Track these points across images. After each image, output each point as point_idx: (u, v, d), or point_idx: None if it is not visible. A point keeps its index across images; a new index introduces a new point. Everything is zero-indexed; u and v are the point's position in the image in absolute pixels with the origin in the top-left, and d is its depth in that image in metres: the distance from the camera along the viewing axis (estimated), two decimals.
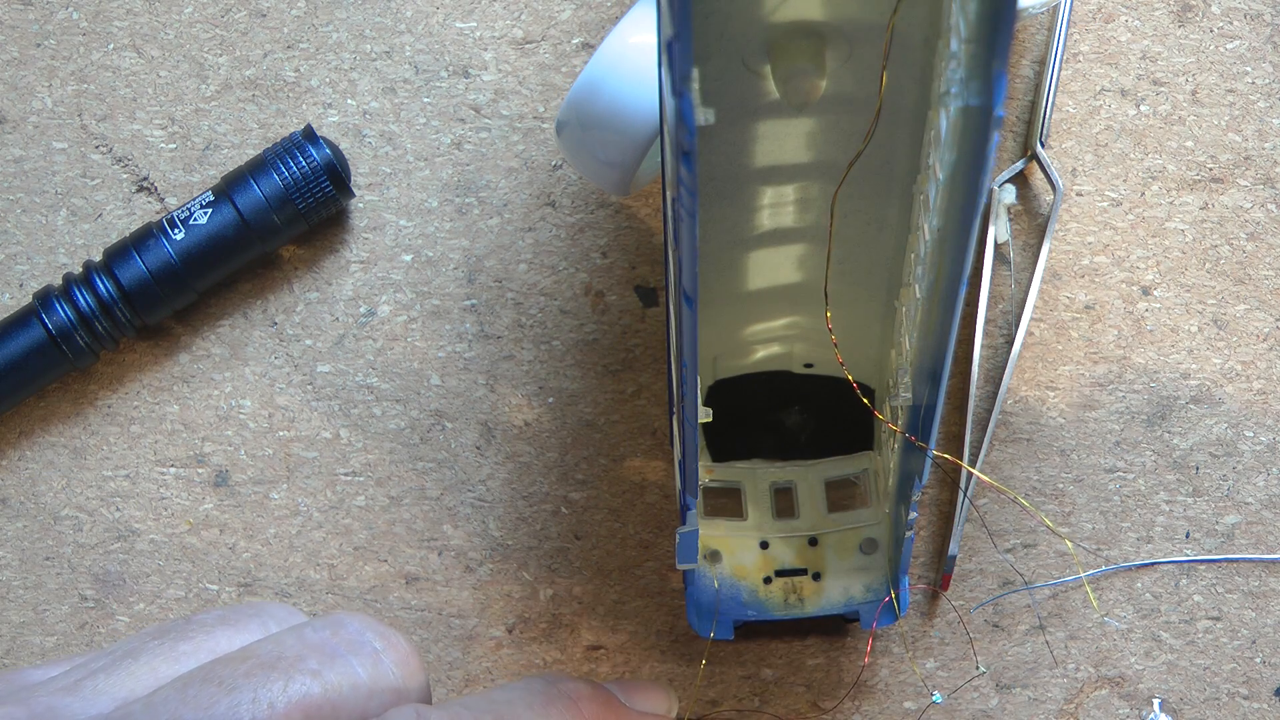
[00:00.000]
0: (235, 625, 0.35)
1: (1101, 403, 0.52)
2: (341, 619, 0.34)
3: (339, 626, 0.34)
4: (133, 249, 0.51)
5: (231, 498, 0.53)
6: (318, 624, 0.34)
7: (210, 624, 0.35)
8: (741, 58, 0.40)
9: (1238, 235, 0.53)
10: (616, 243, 0.53)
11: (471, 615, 0.52)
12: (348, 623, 0.34)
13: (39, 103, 0.54)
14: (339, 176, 0.51)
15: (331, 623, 0.34)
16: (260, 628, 0.35)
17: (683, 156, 0.32)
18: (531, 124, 0.53)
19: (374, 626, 0.34)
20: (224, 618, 0.35)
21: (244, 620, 0.35)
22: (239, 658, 0.32)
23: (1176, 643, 0.52)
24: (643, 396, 0.53)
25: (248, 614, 0.36)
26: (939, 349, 0.39)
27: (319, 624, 0.34)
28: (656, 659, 0.52)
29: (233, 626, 0.35)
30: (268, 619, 0.36)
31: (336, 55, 0.54)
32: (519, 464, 0.53)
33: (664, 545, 0.53)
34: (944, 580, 0.51)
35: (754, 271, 0.47)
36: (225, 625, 0.35)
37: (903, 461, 0.45)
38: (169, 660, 0.34)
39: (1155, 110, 0.53)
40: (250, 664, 0.32)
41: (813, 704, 0.52)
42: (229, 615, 0.35)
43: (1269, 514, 0.52)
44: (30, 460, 0.53)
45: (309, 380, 0.53)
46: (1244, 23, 0.53)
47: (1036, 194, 0.53)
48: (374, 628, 0.34)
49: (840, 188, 0.42)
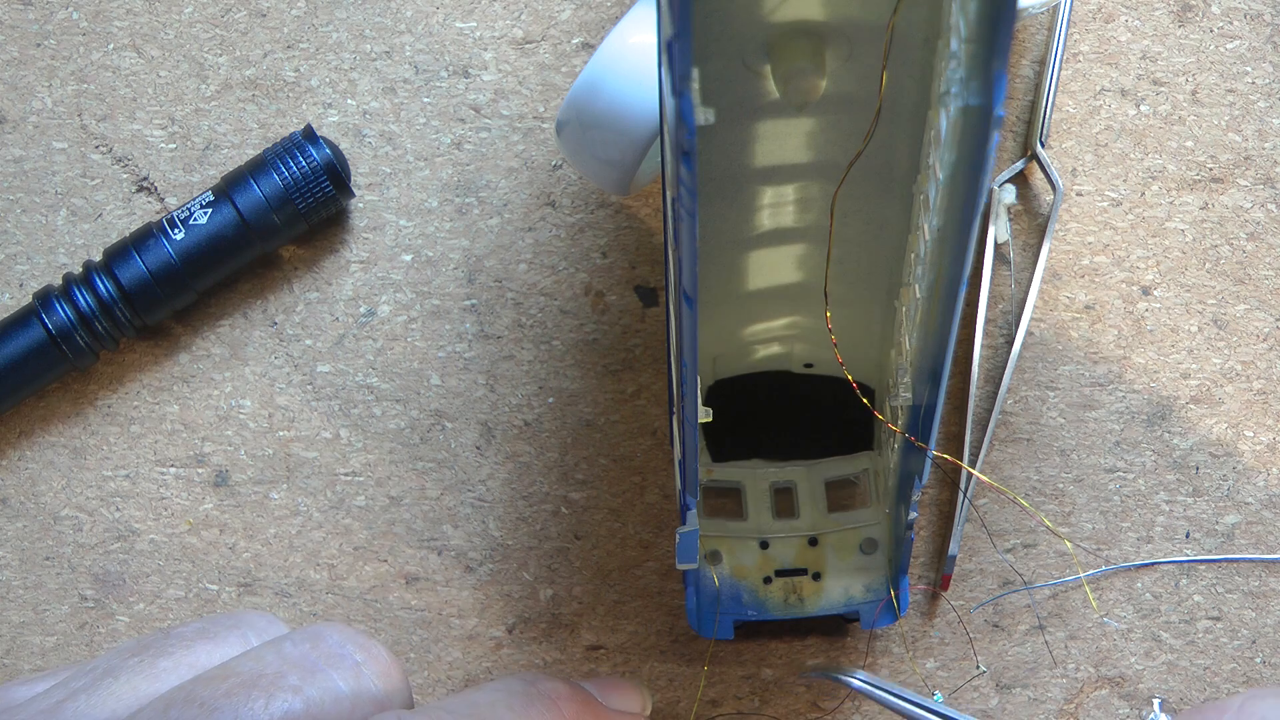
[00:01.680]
0: (214, 638, 0.35)
1: (1101, 403, 0.52)
2: (321, 631, 0.34)
3: (318, 639, 0.34)
4: (133, 249, 0.51)
5: (231, 498, 0.53)
6: (297, 637, 0.34)
7: (189, 637, 0.35)
8: (741, 58, 0.40)
9: (1238, 235, 0.53)
10: (616, 243, 0.53)
11: (471, 615, 0.52)
12: (327, 635, 0.34)
13: (39, 103, 0.54)
14: (339, 176, 0.51)
15: (311, 635, 0.34)
16: (240, 640, 0.35)
17: (683, 156, 0.32)
18: (531, 124, 0.53)
19: (354, 638, 0.34)
20: (203, 630, 0.35)
21: (223, 633, 0.35)
22: (219, 676, 0.32)
23: (1176, 643, 0.52)
24: (643, 396, 0.53)
25: (227, 625, 0.35)
26: (939, 349, 0.39)
27: (298, 637, 0.34)
28: (656, 659, 0.52)
29: (212, 640, 0.35)
30: (247, 630, 0.35)
31: (336, 55, 0.54)
32: (519, 464, 0.53)
33: (664, 545, 0.53)
34: (944, 580, 0.51)
35: (754, 271, 0.47)
36: (204, 639, 0.35)
37: (903, 461, 0.45)
38: (149, 678, 0.33)
39: (1155, 110, 0.53)
40: (231, 683, 0.32)
41: (813, 704, 0.52)
42: (208, 628, 0.35)
43: (1269, 514, 0.52)
44: (30, 460, 0.53)
45: (309, 380, 0.53)
46: (1244, 23, 0.53)
47: (1036, 194, 0.53)
48: (354, 639, 0.34)
49: (840, 188, 0.42)
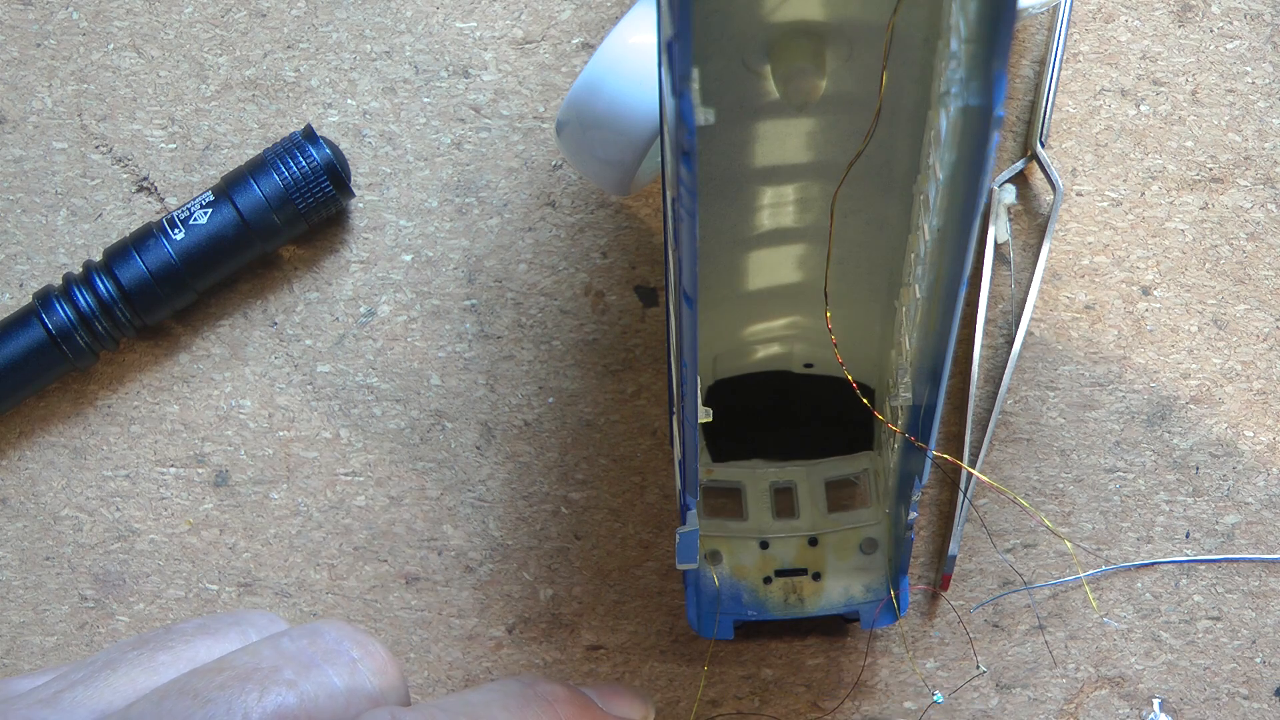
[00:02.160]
0: (215, 634, 0.35)
1: (1101, 403, 0.52)
2: (319, 628, 0.34)
3: (316, 636, 0.34)
4: (133, 249, 0.51)
5: (231, 498, 0.53)
6: (295, 633, 0.34)
7: (190, 633, 0.35)
8: (741, 58, 0.40)
9: (1238, 235, 0.53)
10: (616, 243, 0.53)
11: (471, 615, 0.52)
12: (325, 632, 0.34)
13: (39, 103, 0.54)
14: (339, 176, 0.51)
15: (309, 632, 0.34)
16: (240, 636, 0.35)
17: (683, 156, 0.32)
18: (531, 124, 0.53)
19: (352, 635, 0.34)
20: (203, 627, 0.35)
21: (224, 629, 0.35)
22: (215, 669, 0.32)
23: (1176, 643, 0.52)
24: (643, 396, 0.53)
25: (227, 623, 0.35)
26: (939, 349, 0.39)
27: (296, 633, 0.34)
28: (656, 659, 0.52)
29: (212, 636, 0.35)
30: (248, 628, 0.35)
31: (336, 55, 0.54)
32: (519, 464, 0.53)
33: (664, 545, 0.53)
34: (944, 580, 0.51)
35: (754, 271, 0.47)
36: (205, 634, 0.35)
37: (903, 461, 0.45)
38: (147, 671, 0.34)
39: (1155, 110, 0.53)
40: (226, 675, 0.32)
41: (813, 704, 0.52)
42: (208, 624, 0.35)
43: (1269, 514, 0.52)
44: (30, 460, 0.53)
45: (309, 380, 0.53)
46: (1244, 23, 0.53)
47: (1036, 194, 0.53)
48: (352, 636, 0.34)
49: (840, 188, 0.42)
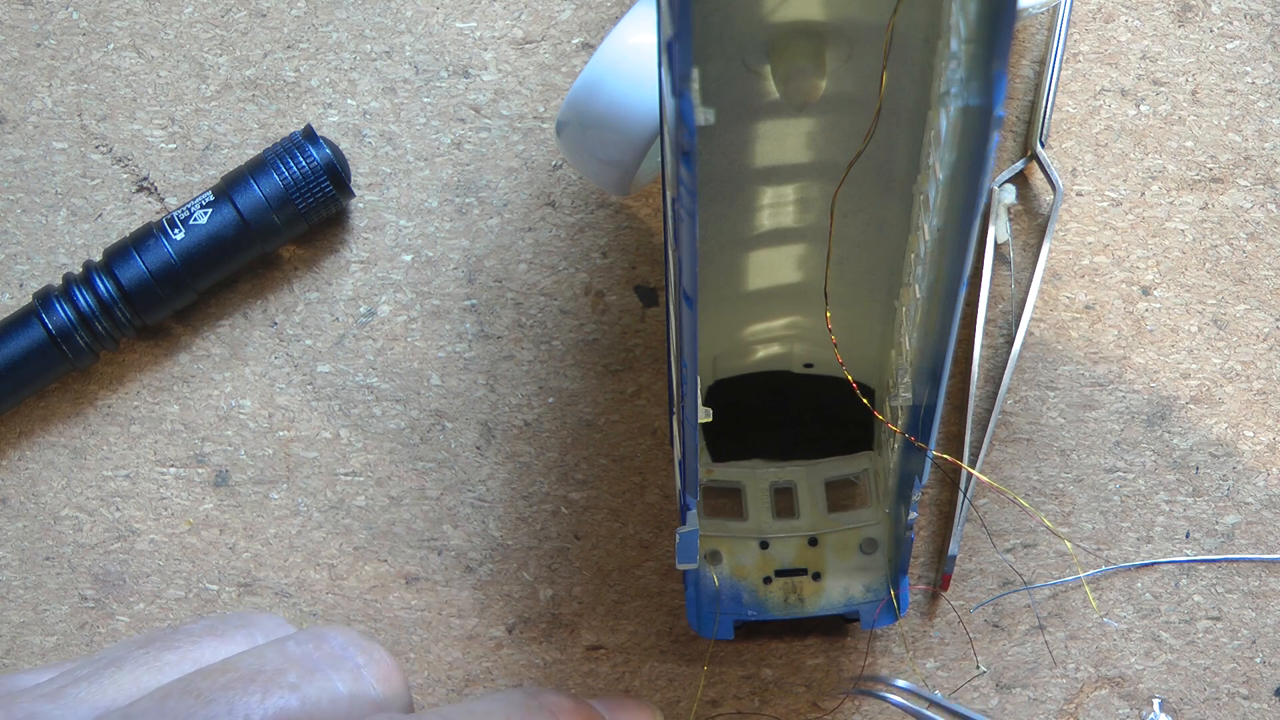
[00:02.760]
0: (221, 635, 0.35)
1: (1101, 403, 0.52)
2: (325, 632, 0.34)
3: (321, 640, 0.34)
4: (133, 249, 0.51)
5: (231, 498, 0.53)
6: (301, 637, 0.34)
7: (196, 634, 0.35)
8: (741, 58, 0.40)
9: (1238, 235, 0.53)
10: (616, 243, 0.53)
11: (471, 615, 0.52)
12: (331, 636, 0.34)
13: (39, 103, 0.54)
14: (339, 176, 0.51)
15: (314, 636, 0.34)
16: (246, 638, 0.35)
17: (683, 156, 0.32)
18: (531, 124, 0.53)
19: (357, 641, 0.34)
20: (211, 628, 0.35)
21: (230, 631, 0.35)
22: (219, 670, 0.33)
23: (1176, 643, 0.52)
24: (643, 396, 0.53)
25: (234, 624, 0.35)
26: (939, 349, 0.39)
27: (302, 637, 0.34)
28: (656, 659, 0.52)
29: (219, 637, 0.35)
30: (254, 630, 0.35)
31: (336, 55, 0.54)
32: (519, 464, 0.53)
33: (664, 545, 0.52)
34: (944, 580, 0.51)
35: (754, 271, 0.47)
36: (211, 635, 0.35)
37: (903, 461, 0.45)
38: (152, 670, 0.34)
39: (1155, 110, 0.53)
40: (229, 676, 0.32)
41: (813, 704, 0.52)
42: (216, 625, 0.35)
43: (1269, 514, 0.52)
44: (30, 460, 0.53)
45: (309, 380, 0.53)
46: (1244, 23, 0.53)
47: (1036, 194, 0.53)
48: (357, 642, 0.34)
49: (840, 188, 0.42)
